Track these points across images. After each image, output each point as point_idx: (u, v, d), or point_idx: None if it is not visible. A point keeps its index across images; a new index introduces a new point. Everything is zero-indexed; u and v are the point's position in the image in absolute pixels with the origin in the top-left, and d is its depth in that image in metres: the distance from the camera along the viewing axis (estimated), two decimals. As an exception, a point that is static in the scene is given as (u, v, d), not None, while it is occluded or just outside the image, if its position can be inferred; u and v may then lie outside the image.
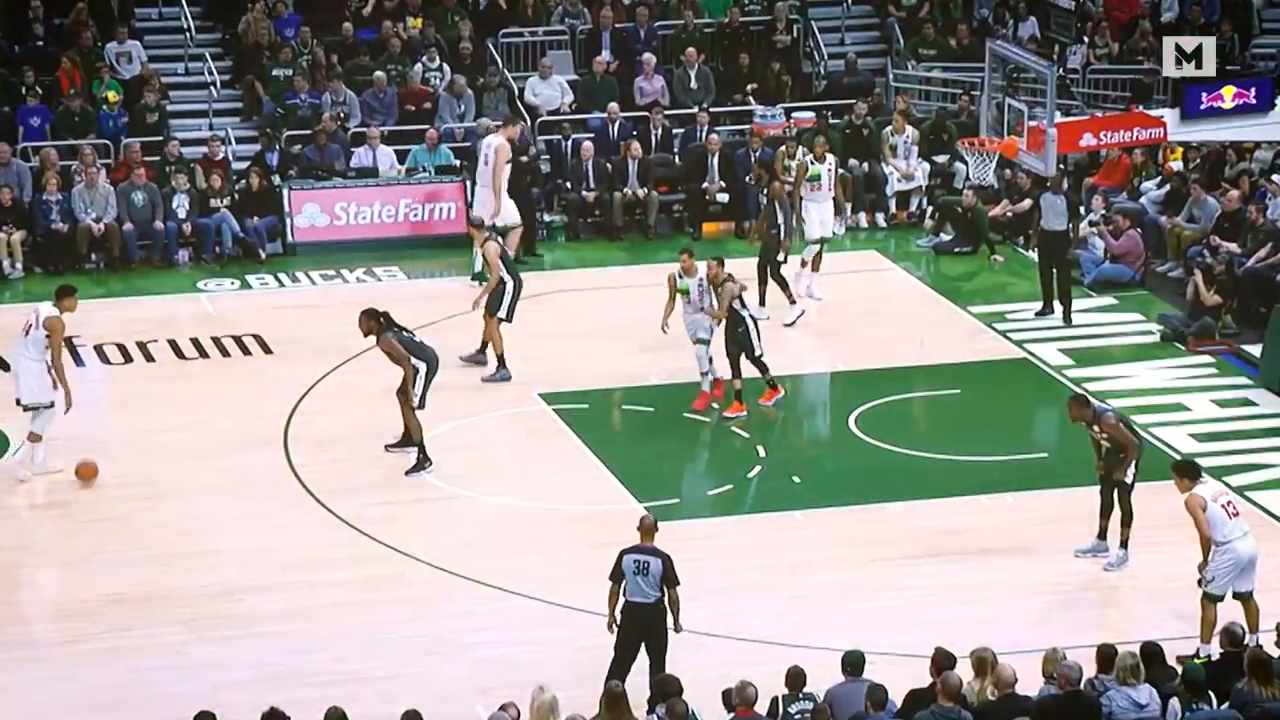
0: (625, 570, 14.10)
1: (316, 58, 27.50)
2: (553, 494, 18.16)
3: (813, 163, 22.88)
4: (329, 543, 17.28)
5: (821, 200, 22.82)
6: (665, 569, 14.07)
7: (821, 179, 22.81)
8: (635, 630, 14.14)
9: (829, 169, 22.92)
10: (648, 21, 28.63)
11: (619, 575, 14.13)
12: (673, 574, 14.10)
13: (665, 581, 14.06)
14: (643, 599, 14.06)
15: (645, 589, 14.05)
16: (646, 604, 14.06)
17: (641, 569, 14.05)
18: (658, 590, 14.06)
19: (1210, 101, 19.22)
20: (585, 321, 22.81)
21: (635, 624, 14.12)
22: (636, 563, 14.09)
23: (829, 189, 22.91)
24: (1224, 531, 14.81)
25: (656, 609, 14.09)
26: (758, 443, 19.27)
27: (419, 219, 25.68)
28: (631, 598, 14.10)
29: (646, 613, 14.06)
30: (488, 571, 16.65)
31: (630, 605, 14.12)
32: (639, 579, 14.05)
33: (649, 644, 14.17)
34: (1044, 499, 18.04)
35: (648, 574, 14.04)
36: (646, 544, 14.23)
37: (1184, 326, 22.09)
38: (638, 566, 14.07)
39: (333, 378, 20.87)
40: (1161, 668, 13.09)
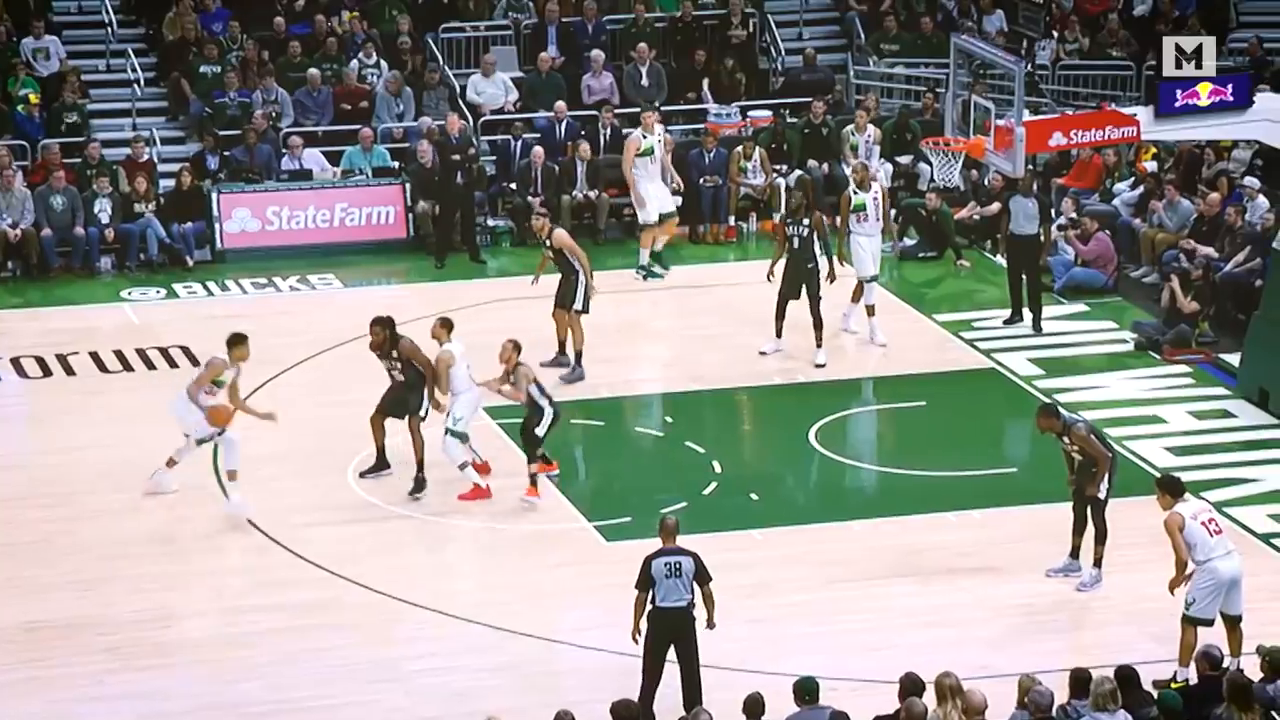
0: (656, 575, 14.17)
1: (246, 54, 27.45)
2: (498, 513, 18.15)
3: (856, 191, 22.13)
4: (261, 566, 17.23)
5: (870, 233, 22.05)
6: (698, 566, 14.24)
7: (867, 208, 22.05)
8: (667, 637, 14.24)
9: (874, 198, 22.11)
10: (596, 16, 28.67)
11: (647, 582, 14.19)
12: (705, 570, 14.28)
13: (698, 579, 14.21)
14: (677, 602, 14.17)
15: (680, 591, 14.17)
16: (680, 608, 14.18)
17: (674, 570, 14.16)
18: (690, 592, 14.19)
19: (1185, 99, 19.32)
20: (532, 331, 22.79)
21: (667, 630, 14.21)
22: (669, 565, 14.18)
23: (876, 219, 22.14)
24: (1204, 550, 14.88)
25: (689, 612, 14.23)
26: (714, 458, 19.30)
27: (356, 224, 25.66)
28: (663, 603, 14.18)
29: (680, 617, 14.18)
30: (430, 595, 16.63)
31: (661, 611, 14.20)
32: (673, 581, 14.15)
33: (681, 651, 14.28)
34: (1013, 516, 18.12)
35: (681, 574, 14.15)
36: (671, 545, 14.34)
37: (1159, 334, 22.22)
38: (670, 569, 14.16)
39: (265, 391, 20.79)
40: (1137, 692, 13.15)
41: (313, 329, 22.74)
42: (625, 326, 23.13)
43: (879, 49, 29.19)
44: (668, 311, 23.87)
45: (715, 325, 22.74)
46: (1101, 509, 16.54)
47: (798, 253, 21.14)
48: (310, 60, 27.48)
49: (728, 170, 26.34)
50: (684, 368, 21.63)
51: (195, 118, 26.90)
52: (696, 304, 23.97)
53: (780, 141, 26.85)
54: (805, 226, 21.14)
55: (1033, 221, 22.51)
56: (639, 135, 24.46)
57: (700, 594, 14.30)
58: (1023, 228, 22.53)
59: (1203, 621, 14.89)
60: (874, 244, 22.10)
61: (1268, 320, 20.43)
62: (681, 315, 23.77)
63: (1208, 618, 14.91)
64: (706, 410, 20.66)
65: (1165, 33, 28.51)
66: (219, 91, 26.87)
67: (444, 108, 27.01)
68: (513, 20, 28.82)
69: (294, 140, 26.05)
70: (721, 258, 25.51)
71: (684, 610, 14.21)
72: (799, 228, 21.12)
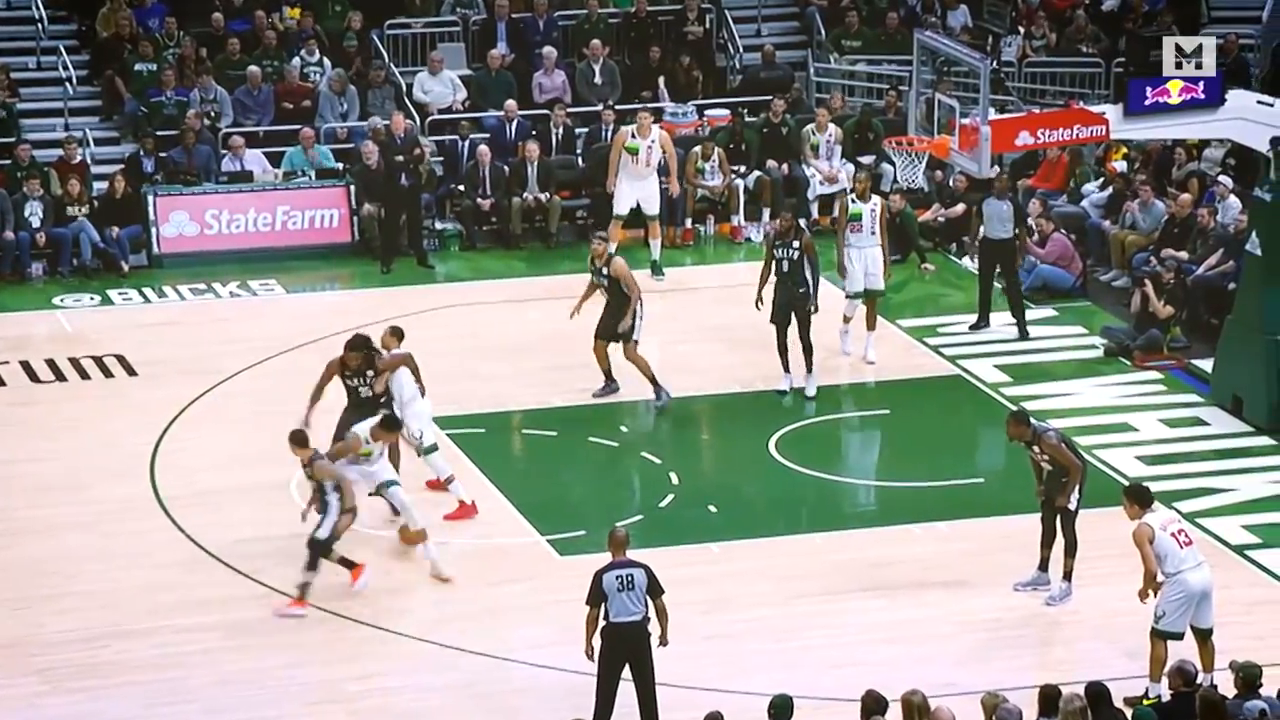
0: (607, 589, 14.15)
1: (183, 51, 27.35)
2: (446, 527, 18.08)
3: (854, 201, 21.78)
4: (201, 583, 17.14)
5: (864, 245, 21.67)
6: (650, 578, 14.22)
7: (864, 219, 21.64)
8: (622, 653, 14.21)
9: (873, 209, 21.69)
10: (547, 11, 28.64)
11: (599, 597, 14.18)
12: (658, 583, 14.26)
13: (651, 592, 14.19)
14: (630, 617, 14.15)
15: (632, 605, 14.15)
16: (634, 622, 14.16)
17: (626, 584, 14.14)
18: (644, 605, 14.18)
19: (1155, 97, 19.38)
20: (482, 338, 22.77)
21: (621, 646, 14.19)
22: (620, 578, 14.16)
23: (872, 231, 21.71)
24: (1174, 562, 14.91)
25: (643, 626, 14.22)
26: (670, 469, 19.27)
27: (299, 227, 25.57)
28: (616, 619, 14.16)
29: (634, 632, 14.17)
30: (374, 612, 16.56)
31: (614, 627, 14.17)
32: (625, 595, 14.14)
33: (636, 669, 14.25)
34: (980, 528, 18.13)
35: (633, 588, 14.14)
36: (622, 557, 14.32)
37: (1129, 340, 22.28)
38: (622, 582, 14.14)
39: (204, 401, 20.71)
40: (1108, 709, 13.16)
41: (254, 337, 22.65)
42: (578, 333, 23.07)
43: (840, 45, 29.23)
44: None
45: (672, 331, 22.70)
46: (1072, 521, 16.56)
47: (786, 276, 20.57)
48: (250, 58, 27.39)
49: (684, 171, 26.32)
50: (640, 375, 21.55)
51: (130, 117, 26.78)
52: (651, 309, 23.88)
53: (738, 141, 26.85)
54: (795, 249, 20.61)
55: (1007, 225, 22.54)
56: (628, 132, 24.39)
57: (653, 608, 14.26)
58: (996, 231, 22.56)
59: (1173, 635, 14.92)
60: (867, 257, 21.59)
61: (1241, 324, 20.48)
62: (637, 321, 23.71)
63: (1178, 631, 14.94)
64: (663, 419, 20.62)
65: (1135, 29, 28.71)
66: (155, 90, 26.75)
67: (390, 107, 26.95)
68: (461, 16, 28.77)
69: (234, 141, 25.94)
70: (678, 261, 25.48)
71: (638, 625, 14.18)
72: (788, 250, 20.65)
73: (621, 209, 24.41)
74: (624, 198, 24.37)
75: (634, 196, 24.34)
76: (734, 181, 26.42)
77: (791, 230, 20.80)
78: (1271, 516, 18.35)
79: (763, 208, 26.54)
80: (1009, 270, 22.68)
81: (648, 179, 24.37)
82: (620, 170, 24.31)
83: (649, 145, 24.26)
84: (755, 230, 26.40)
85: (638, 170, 24.29)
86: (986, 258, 22.82)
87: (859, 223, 21.65)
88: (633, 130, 24.39)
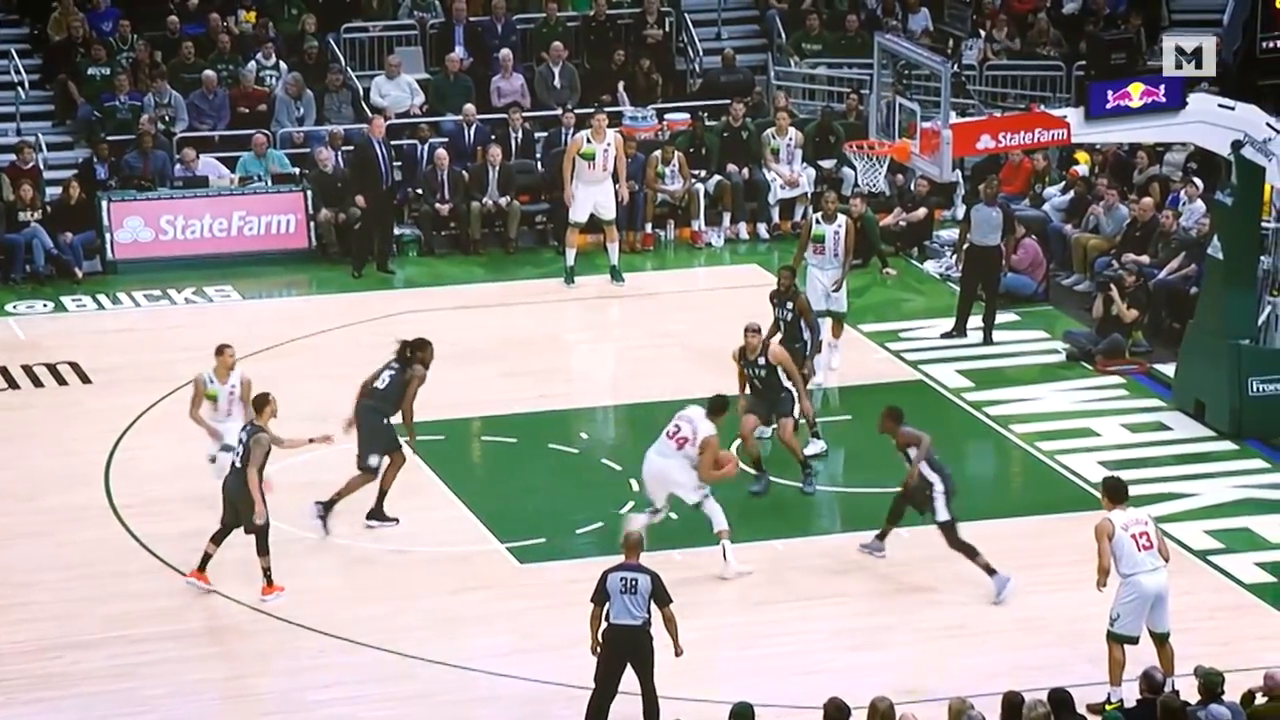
0: (610, 590, 14.27)
1: (137, 55, 27.28)
2: (405, 535, 18.07)
3: (819, 221, 21.32)
4: (157, 592, 17.09)
5: (825, 267, 21.26)
6: (655, 586, 14.32)
7: (826, 240, 21.18)
8: (620, 655, 14.32)
9: (837, 230, 21.19)
10: (505, 15, 28.65)
11: (603, 596, 14.30)
12: (664, 591, 14.37)
13: (656, 599, 14.29)
14: (630, 621, 14.25)
15: (633, 609, 14.25)
16: (634, 626, 14.26)
17: (629, 587, 14.24)
18: (646, 611, 14.27)
19: (1117, 100, 19.47)
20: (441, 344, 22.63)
21: (621, 648, 14.30)
22: (624, 580, 14.27)
23: (835, 254, 21.22)
24: (1128, 564, 14.97)
25: (643, 631, 14.31)
26: (631, 476, 19.28)
27: (255, 233, 25.52)
28: (616, 620, 14.27)
29: (633, 635, 14.27)
30: (334, 621, 16.54)
31: (615, 629, 14.28)
32: (626, 598, 14.24)
33: (636, 668, 14.35)
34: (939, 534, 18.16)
35: (635, 592, 14.24)
36: (632, 560, 14.44)
37: (1092, 344, 22.37)
38: (625, 584, 14.26)
39: (159, 409, 20.66)
40: (1071, 716, 13.22)
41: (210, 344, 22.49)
42: (539, 339, 23.09)
43: (800, 49, 29.30)
44: (583, 323, 23.84)
45: (632, 337, 22.74)
46: (952, 531, 16.81)
47: (783, 334, 19.93)
48: (205, 61, 27.33)
49: (644, 175, 26.35)
50: (600, 381, 21.60)
51: (83, 122, 26.70)
52: (612, 315, 23.96)
53: (699, 145, 26.90)
54: (789, 310, 20.09)
55: (996, 232, 22.66)
56: (583, 137, 24.39)
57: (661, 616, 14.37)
58: (985, 239, 22.65)
59: (1128, 639, 15.01)
60: (828, 278, 21.27)
61: (1202, 329, 20.58)
62: (597, 327, 23.75)
63: (1133, 634, 15.03)
64: (624, 426, 20.63)
65: (1096, 31, 28.82)
66: (108, 94, 26.68)
67: (347, 111, 26.92)
68: (418, 19, 28.75)
69: (186, 153, 25.86)
70: (638, 267, 25.51)
71: (637, 630, 14.27)
72: (784, 311, 20.03)
73: (580, 216, 24.40)
74: (581, 204, 24.37)
75: (591, 202, 24.34)
76: (694, 186, 26.45)
77: (790, 290, 20.04)
78: (1234, 521, 18.45)
79: (723, 212, 26.60)
80: (992, 278, 22.75)
81: (604, 183, 24.37)
82: (575, 176, 24.31)
83: (605, 149, 24.26)
84: (716, 235, 26.44)
85: (594, 175, 24.29)
86: (971, 264, 22.87)
87: (821, 244, 21.23)
88: (588, 135, 24.39)
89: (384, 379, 18.16)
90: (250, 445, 16.54)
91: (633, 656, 14.33)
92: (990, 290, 22.83)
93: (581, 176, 24.27)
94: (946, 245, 25.37)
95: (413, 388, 18.07)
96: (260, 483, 16.57)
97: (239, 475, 16.61)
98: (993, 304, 22.86)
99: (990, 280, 22.80)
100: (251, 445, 16.53)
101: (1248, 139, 19.54)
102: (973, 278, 22.87)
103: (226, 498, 16.76)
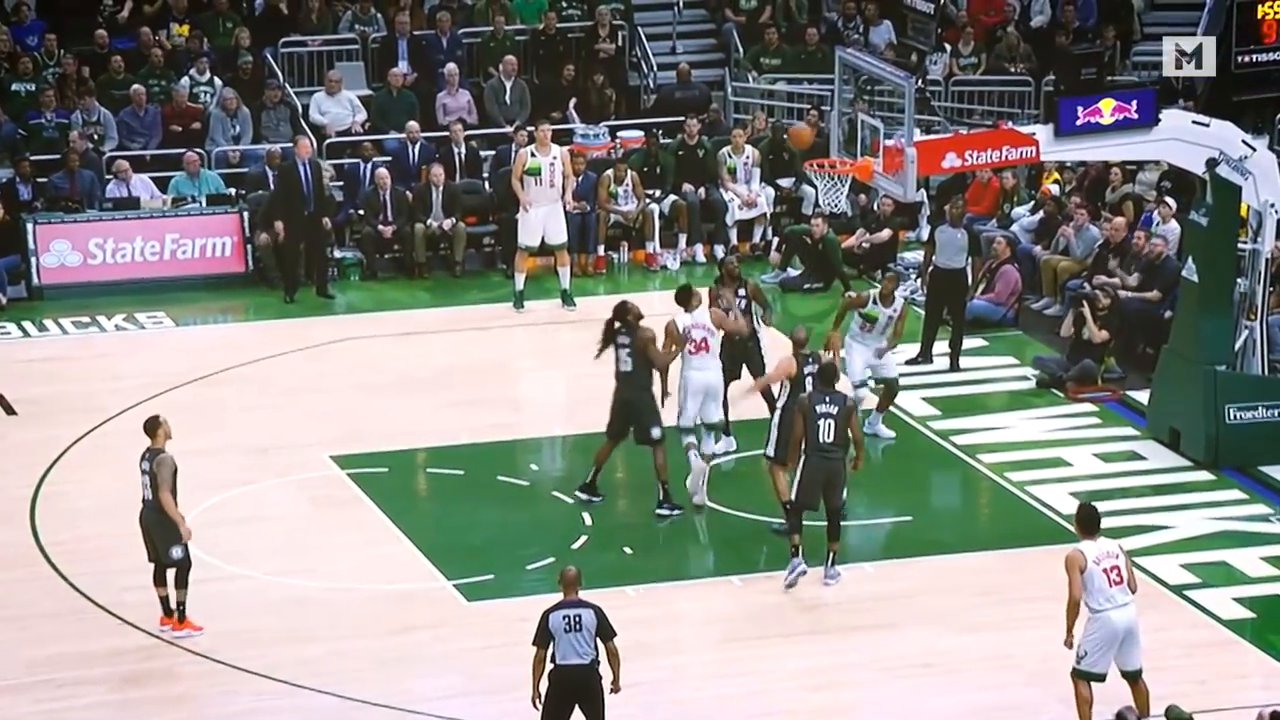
0: (554, 630, 14.22)
1: (65, 70, 27.22)
2: (347, 572, 18.05)
3: (875, 303, 20.91)
4: (84, 633, 17.02)
5: (869, 343, 20.88)
6: (600, 620, 14.27)
7: (878, 323, 20.77)
8: (569, 698, 14.27)
9: (892, 313, 20.74)
10: (450, 28, 28.67)
11: (545, 638, 14.25)
12: (608, 625, 14.32)
13: (601, 635, 14.24)
14: (578, 660, 14.21)
15: (580, 648, 14.20)
16: (582, 665, 14.21)
17: (573, 624, 14.20)
18: (593, 648, 14.23)
19: (1087, 116, 19.57)
20: (384, 372, 22.73)
21: (569, 690, 14.25)
22: (566, 618, 14.22)
23: (883, 333, 20.78)
24: (1099, 599, 14.98)
25: (592, 670, 14.27)
26: (583, 509, 19.29)
27: (189, 256, 25.47)
28: (564, 661, 14.22)
29: (582, 675, 14.23)
30: (272, 663, 16.49)
31: (562, 670, 14.23)
32: (572, 637, 14.19)
33: (586, 711, 14.29)
34: (909, 568, 18.21)
35: (581, 629, 14.18)
36: (572, 597, 14.38)
37: (1062, 371, 22.46)
38: (569, 622, 14.21)
39: (88, 441, 20.59)
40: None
41: (142, 373, 22.54)
42: (487, 366, 23.09)
43: (758, 63, 29.39)
44: (533, 349, 23.85)
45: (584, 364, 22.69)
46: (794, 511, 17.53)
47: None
48: (136, 77, 27.29)
49: (596, 195, 26.39)
50: (551, 410, 21.59)
51: (7, 140, 26.60)
52: (564, 341, 23.96)
53: (653, 164, 26.96)
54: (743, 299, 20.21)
55: (961, 254, 22.77)
56: (527, 152, 24.48)
57: (604, 651, 14.33)
58: (950, 261, 22.76)
59: (1095, 676, 15.04)
60: (868, 354, 20.84)
61: (1177, 354, 20.67)
62: (547, 354, 23.75)
63: (1099, 672, 15.05)
64: (575, 457, 20.63)
65: (1066, 45, 28.97)
66: (34, 112, 26.62)
67: (285, 129, 26.90)
68: (359, 33, 28.76)
69: (119, 165, 25.82)
70: (591, 290, 25.53)
71: (585, 670, 14.24)
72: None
73: (531, 240, 24.39)
74: (531, 227, 24.36)
75: (542, 226, 24.31)
76: (648, 206, 26.50)
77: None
78: (1210, 555, 18.52)
79: (678, 234, 26.64)
80: (957, 302, 22.85)
81: (555, 205, 24.37)
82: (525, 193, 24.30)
83: (551, 162, 24.26)
84: (671, 258, 26.49)
85: (543, 193, 24.28)
86: (936, 288, 22.96)
87: (872, 325, 20.81)
88: (532, 149, 24.40)
89: (625, 361, 19.04)
90: (155, 469, 16.47)
91: (582, 698, 14.29)
92: (957, 315, 22.93)
93: (531, 194, 24.29)
94: (911, 268, 25.47)
95: (653, 344, 18.93)
96: (175, 504, 16.49)
97: (152, 506, 16.55)
98: (959, 329, 22.96)
99: (956, 305, 22.90)
100: (156, 469, 16.47)
101: (1223, 157, 19.67)
102: (938, 302, 22.95)
103: (145, 533, 16.71)
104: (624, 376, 19.13)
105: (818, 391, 17.86)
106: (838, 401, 17.67)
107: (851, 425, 17.70)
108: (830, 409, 17.59)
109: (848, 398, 17.99)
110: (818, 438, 17.56)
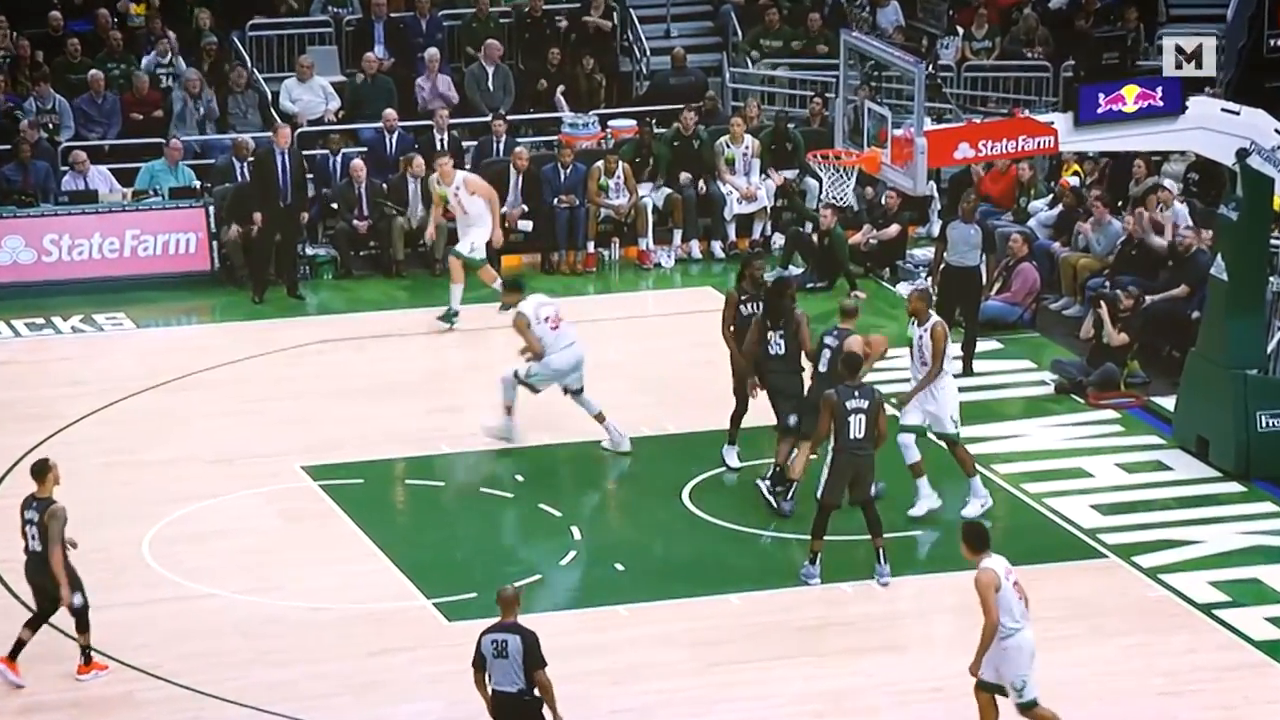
0: (485, 653, 14.20)
1: (17, 54, 27.24)
2: (319, 590, 18.07)
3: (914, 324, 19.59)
4: (39, 656, 17.02)
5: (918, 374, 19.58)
6: (526, 648, 14.14)
7: (912, 345, 19.62)
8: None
9: (923, 334, 19.43)
10: (430, 11, 28.71)
11: (480, 660, 14.22)
12: (537, 654, 14.16)
13: (528, 664, 14.12)
14: (507, 687, 14.15)
15: (509, 675, 14.13)
16: (509, 694, 14.14)
17: (500, 650, 14.14)
18: (522, 677, 14.13)
19: (1109, 104, 19.61)
20: (359, 378, 22.76)
21: (504, 717, 14.18)
22: (494, 643, 14.17)
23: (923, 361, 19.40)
24: (1014, 618, 14.83)
25: (523, 700, 14.15)
26: (571, 523, 19.33)
27: (151, 254, 25.49)
28: (497, 687, 14.18)
29: (513, 705, 14.15)
30: (240, 687, 16.52)
31: (497, 696, 14.20)
32: (500, 663, 14.13)
33: None
34: (918, 585, 18.27)
35: (506, 656, 14.12)
36: (507, 620, 14.32)
37: (1082, 375, 22.50)
38: (496, 648, 14.16)
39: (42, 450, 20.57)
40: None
41: (100, 377, 22.57)
42: (470, 371, 23.12)
43: (758, 47, 29.43)
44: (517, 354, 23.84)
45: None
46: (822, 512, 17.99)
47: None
48: (93, 61, 27.30)
49: (586, 189, 26.43)
50: (537, 418, 21.59)
51: (-44, 130, 26.67)
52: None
53: (646, 155, 27.00)
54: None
55: (974, 251, 22.81)
56: (434, 180, 24.34)
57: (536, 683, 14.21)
58: (963, 259, 22.80)
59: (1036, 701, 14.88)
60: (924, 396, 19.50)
61: (1205, 357, 20.70)
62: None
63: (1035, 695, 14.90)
64: (563, 467, 20.67)
65: (1088, 28, 29.02)
66: (-16, 99, 26.69)
67: (254, 116, 26.92)
68: (333, 16, 28.80)
69: (76, 156, 25.83)
70: (580, 290, 25.58)
71: (515, 698, 14.14)
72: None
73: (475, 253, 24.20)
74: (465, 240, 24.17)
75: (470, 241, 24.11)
76: (641, 200, 26.54)
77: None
78: (1241, 572, 18.53)
79: (673, 229, 26.68)
80: (971, 303, 22.88)
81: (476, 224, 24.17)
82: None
83: (455, 191, 24.10)
84: (665, 254, 26.52)
85: (461, 219, 24.18)
86: (948, 286, 22.98)
87: (908, 348, 19.83)
88: (436, 178, 24.32)
89: (776, 345, 19.30)
90: (46, 522, 16.10)
91: None
92: (970, 315, 22.97)
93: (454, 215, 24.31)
94: (921, 266, 25.52)
95: (804, 325, 19.25)
96: (65, 560, 16.20)
97: (38, 558, 16.24)
98: (973, 331, 22.99)
99: (970, 304, 22.94)
100: (48, 521, 16.09)
101: (1254, 147, 19.70)
102: (950, 302, 22.98)
103: (32, 585, 16.48)
104: (777, 359, 19.44)
105: (845, 386, 17.91)
106: (867, 396, 17.85)
107: (880, 421, 17.84)
108: (861, 403, 17.79)
109: (877, 391, 18.07)
110: (848, 434, 17.74)
